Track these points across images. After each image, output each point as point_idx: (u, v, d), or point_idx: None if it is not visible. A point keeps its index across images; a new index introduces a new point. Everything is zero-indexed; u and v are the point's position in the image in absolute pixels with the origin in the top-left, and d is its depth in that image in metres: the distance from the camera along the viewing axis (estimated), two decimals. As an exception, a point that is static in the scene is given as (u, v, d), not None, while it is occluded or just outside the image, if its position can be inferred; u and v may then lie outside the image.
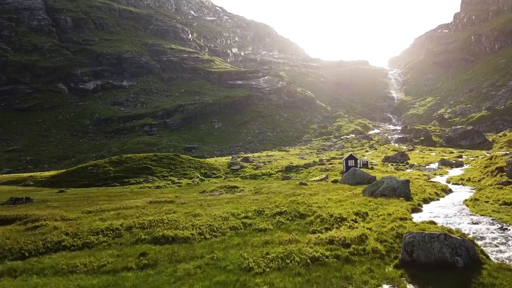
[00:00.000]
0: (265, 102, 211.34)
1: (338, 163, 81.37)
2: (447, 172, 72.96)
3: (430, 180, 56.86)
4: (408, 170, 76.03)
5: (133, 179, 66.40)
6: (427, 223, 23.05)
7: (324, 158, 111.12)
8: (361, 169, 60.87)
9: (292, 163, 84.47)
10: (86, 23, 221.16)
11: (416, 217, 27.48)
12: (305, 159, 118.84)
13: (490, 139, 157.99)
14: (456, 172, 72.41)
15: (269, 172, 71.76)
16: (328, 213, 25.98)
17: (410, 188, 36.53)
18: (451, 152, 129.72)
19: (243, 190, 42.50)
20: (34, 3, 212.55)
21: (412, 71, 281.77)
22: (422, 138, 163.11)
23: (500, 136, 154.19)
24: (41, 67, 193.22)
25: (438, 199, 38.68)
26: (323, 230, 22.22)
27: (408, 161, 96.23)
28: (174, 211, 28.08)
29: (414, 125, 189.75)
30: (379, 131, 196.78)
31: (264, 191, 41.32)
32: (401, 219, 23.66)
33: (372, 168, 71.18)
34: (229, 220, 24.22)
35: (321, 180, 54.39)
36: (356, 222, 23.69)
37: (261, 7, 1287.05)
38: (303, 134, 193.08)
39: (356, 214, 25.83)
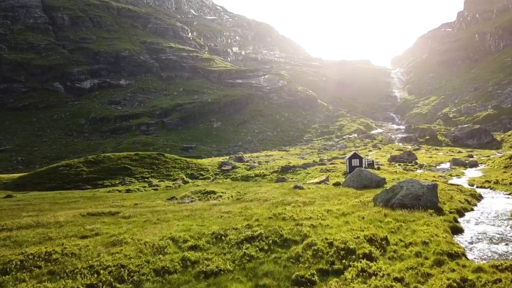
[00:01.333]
0: (265, 101, 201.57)
1: (341, 163, 71.64)
2: (463, 173, 63.18)
3: (449, 182, 46.87)
4: (419, 171, 66.15)
5: (108, 180, 57.03)
6: (500, 270, 12.84)
7: (325, 158, 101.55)
8: (367, 169, 51.06)
9: (290, 163, 74.78)
10: (84, 21, 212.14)
11: (464, 244, 17.57)
12: (305, 159, 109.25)
13: (499, 138, 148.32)
14: (473, 173, 62.71)
15: (262, 173, 62.21)
16: (326, 238, 16.63)
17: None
18: (460, 152, 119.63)
19: (221, 196, 33.24)
20: (31, 1, 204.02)
21: (415, 70, 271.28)
22: (427, 137, 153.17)
23: (509, 135, 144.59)
24: (36, 65, 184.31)
25: (472, 209, 28.86)
26: (317, 278, 12.37)
27: (416, 160, 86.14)
28: (96, 232, 18.64)
29: (418, 125, 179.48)
30: (382, 130, 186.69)
31: (248, 197, 31.81)
32: (450, 255, 14.06)
33: (378, 169, 61.32)
34: (164, 254, 14.73)
35: (320, 182, 44.67)
36: (371, 259, 14.30)
37: (262, 6, 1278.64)
38: (304, 133, 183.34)
39: (370, 240, 16.38)
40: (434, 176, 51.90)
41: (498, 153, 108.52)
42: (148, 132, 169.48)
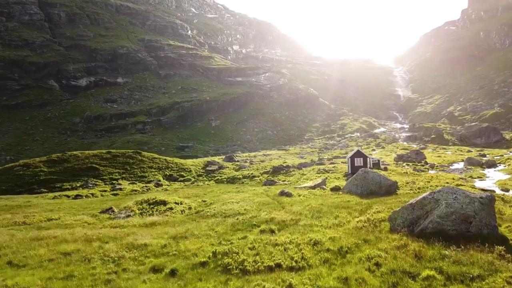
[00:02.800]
0: (265, 99, 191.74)
1: (342, 162, 61.86)
2: (484, 174, 53.57)
3: (476, 186, 36.77)
4: (431, 172, 56.29)
5: (69, 183, 47.80)
6: None
7: (326, 157, 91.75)
8: (374, 170, 41.11)
9: (285, 162, 65.09)
10: (81, 18, 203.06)
11: None
12: (305, 158, 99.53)
13: (508, 137, 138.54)
14: (496, 174, 53.38)
15: (251, 174, 52.77)
16: None
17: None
18: (469, 151, 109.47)
19: (172, 208, 23.97)
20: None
21: (418, 68, 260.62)
22: (433, 136, 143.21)
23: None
24: (31, 62, 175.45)
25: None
26: None
27: (425, 160, 75.94)
28: None
29: (422, 123, 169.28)
30: (385, 129, 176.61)
31: (210, 210, 22.90)
32: None
33: (385, 169, 51.46)
34: None
35: (315, 187, 34.91)
36: None
37: (264, 5, 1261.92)
38: (305, 132, 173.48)
39: None
40: (453, 178, 42.15)
41: (510, 152, 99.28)
42: (145, 130, 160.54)
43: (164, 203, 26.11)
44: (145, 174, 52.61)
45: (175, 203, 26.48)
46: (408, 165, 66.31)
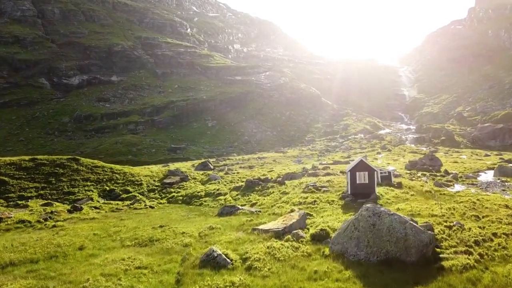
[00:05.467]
0: (265, 99, 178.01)
1: (341, 172, 47.61)
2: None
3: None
4: (459, 187, 42.19)
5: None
6: None
7: (325, 162, 77.87)
8: (383, 188, 27.45)
9: (271, 170, 51.72)
10: (76, 15, 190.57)
11: None
12: (302, 163, 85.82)
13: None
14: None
15: (218, 190, 39.95)
16: None
17: None
18: (487, 155, 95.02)
19: None
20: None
21: (424, 68, 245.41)
22: (443, 138, 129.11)
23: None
24: (21, 60, 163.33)
25: None
26: None
27: (441, 167, 61.71)
28: None
29: (429, 124, 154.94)
30: (390, 130, 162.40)
31: None
32: None
33: (399, 185, 37.05)
34: None
35: (284, 232, 19.87)
36: None
37: (267, 5, 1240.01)
38: (306, 133, 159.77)
39: None
40: (507, 206, 27.36)
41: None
42: (136, 131, 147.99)
43: None
44: (74, 190, 39.34)
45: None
46: (424, 175, 52.21)
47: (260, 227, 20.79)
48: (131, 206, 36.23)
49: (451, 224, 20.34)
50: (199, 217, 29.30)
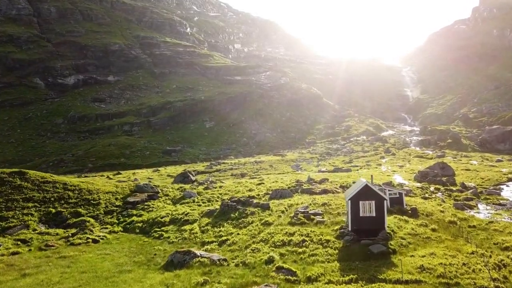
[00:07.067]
0: (265, 99, 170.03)
1: (340, 186, 39.70)
2: None
3: None
4: (484, 210, 34.23)
5: None
6: None
7: (325, 169, 70.08)
8: (394, 219, 19.84)
9: (261, 182, 43.66)
10: (73, 14, 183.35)
11: None
12: (300, 169, 78.25)
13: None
14: None
15: (186, 215, 32.98)
16: None
17: None
18: (499, 160, 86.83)
19: None
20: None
21: (427, 68, 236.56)
22: (449, 140, 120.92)
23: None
24: (15, 59, 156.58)
25: None
26: None
27: (455, 177, 53.80)
28: None
29: (434, 126, 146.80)
30: (393, 132, 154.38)
31: None
32: None
33: (414, 213, 29.05)
34: None
35: None
36: None
37: (269, 5, 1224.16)
38: (306, 135, 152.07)
39: None
40: None
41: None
42: (132, 132, 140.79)
43: None
44: (8, 214, 30.77)
45: None
46: (438, 189, 44.22)
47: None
48: (70, 238, 28.52)
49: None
50: (138, 269, 21.75)
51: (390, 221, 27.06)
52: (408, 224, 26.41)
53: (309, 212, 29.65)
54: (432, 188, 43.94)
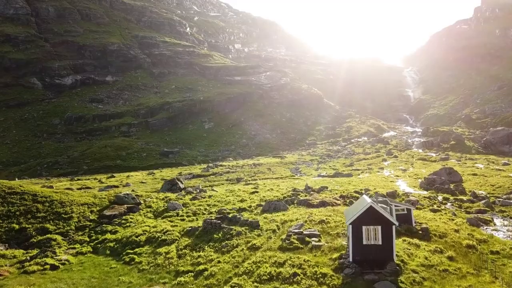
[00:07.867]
0: (265, 100, 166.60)
1: (341, 197, 36.10)
2: None
3: None
4: (501, 226, 30.33)
5: None
6: None
7: (325, 173, 66.40)
8: (403, 243, 17.18)
9: (256, 189, 40.31)
10: (71, 13, 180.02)
11: None
12: (299, 172, 74.80)
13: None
14: None
15: (165, 233, 28.81)
16: None
17: None
18: (505, 163, 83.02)
19: None
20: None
21: (429, 68, 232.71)
22: (452, 142, 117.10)
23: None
24: (12, 59, 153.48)
25: None
26: None
27: (462, 183, 50.23)
28: None
29: (436, 127, 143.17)
30: (395, 133, 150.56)
31: None
32: None
33: (426, 234, 25.41)
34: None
35: None
36: None
37: (270, 5, 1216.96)
38: (307, 136, 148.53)
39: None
40: None
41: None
42: (129, 133, 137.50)
43: None
44: None
45: None
46: (447, 199, 40.59)
47: None
48: (26, 264, 24.74)
49: None
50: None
51: (399, 245, 23.11)
52: (420, 250, 22.53)
53: (304, 232, 25.87)
54: (440, 198, 40.28)
